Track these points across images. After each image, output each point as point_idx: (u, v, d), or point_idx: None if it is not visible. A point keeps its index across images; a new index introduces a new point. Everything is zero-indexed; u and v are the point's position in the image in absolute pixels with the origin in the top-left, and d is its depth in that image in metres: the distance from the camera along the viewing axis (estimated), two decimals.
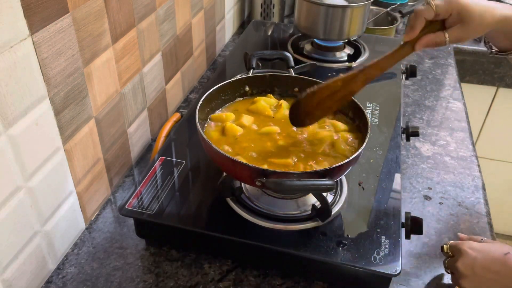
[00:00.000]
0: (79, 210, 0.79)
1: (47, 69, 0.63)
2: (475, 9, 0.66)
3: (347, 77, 0.73)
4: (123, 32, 0.83)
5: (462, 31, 0.68)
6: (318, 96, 0.74)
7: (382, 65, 0.73)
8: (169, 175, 0.81)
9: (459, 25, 0.67)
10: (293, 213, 0.74)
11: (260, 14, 1.58)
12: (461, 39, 0.69)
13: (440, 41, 0.69)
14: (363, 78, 0.73)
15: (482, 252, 0.65)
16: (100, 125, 0.80)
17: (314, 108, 0.75)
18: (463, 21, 0.67)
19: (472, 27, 0.67)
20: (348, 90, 0.74)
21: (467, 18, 0.67)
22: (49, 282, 0.72)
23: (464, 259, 0.66)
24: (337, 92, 0.74)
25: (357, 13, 1.18)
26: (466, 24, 0.67)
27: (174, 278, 0.72)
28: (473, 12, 0.66)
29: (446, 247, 0.72)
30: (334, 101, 0.75)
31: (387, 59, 0.72)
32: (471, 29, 0.67)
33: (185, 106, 1.16)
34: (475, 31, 0.68)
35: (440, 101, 1.22)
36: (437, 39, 0.69)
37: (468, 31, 0.68)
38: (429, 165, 0.99)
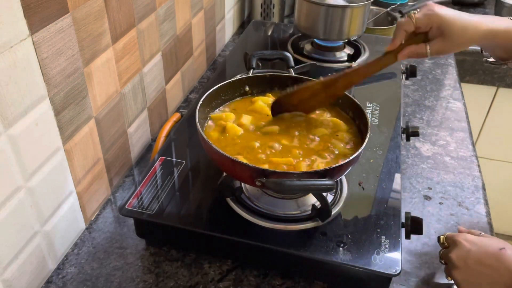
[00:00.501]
0: (79, 210, 0.79)
1: (47, 69, 0.63)
2: (455, 24, 0.68)
3: (327, 80, 0.77)
4: (123, 32, 0.83)
5: (443, 44, 0.70)
6: (298, 95, 0.79)
7: (364, 72, 0.76)
8: (169, 175, 0.81)
9: (440, 38, 0.70)
10: (293, 213, 0.74)
11: (260, 14, 1.58)
12: (442, 52, 0.71)
13: (421, 53, 0.72)
14: (344, 82, 0.76)
15: (477, 245, 0.65)
16: (100, 125, 0.80)
17: (295, 106, 0.80)
18: (443, 34, 0.69)
19: (452, 41, 0.69)
20: (330, 92, 0.78)
21: (447, 32, 0.69)
22: (49, 282, 0.72)
23: (458, 250, 0.66)
24: (318, 94, 0.78)
25: (357, 13, 1.18)
26: (446, 38, 0.69)
27: (174, 278, 0.72)
28: (453, 26, 0.68)
29: (442, 237, 0.72)
30: (316, 102, 0.79)
31: (370, 66, 0.76)
32: (451, 42, 0.69)
33: (185, 106, 1.16)
34: (456, 45, 0.70)
35: (440, 101, 1.22)
36: (419, 50, 0.72)
37: (449, 44, 0.70)
38: (429, 165, 0.99)
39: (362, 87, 1.15)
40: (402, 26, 0.71)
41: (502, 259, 0.62)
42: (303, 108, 0.80)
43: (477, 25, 0.69)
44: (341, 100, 0.83)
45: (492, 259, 0.62)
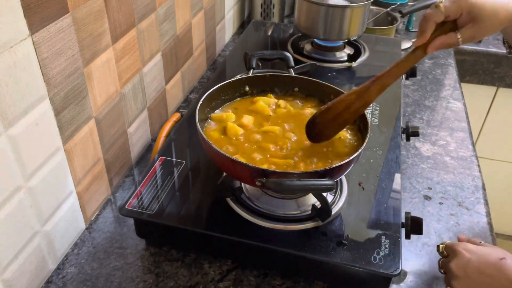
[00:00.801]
0: (79, 210, 0.79)
1: (47, 69, 0.63)
2: (485, 7, 0.64)
3: (361, 89, 0.73)
4: (123, 32, 0.83)
5: (474, 30, 0.66)
6: (333, 111, 0.74)
7: (395, 73, 0.71)
8: (169, 175, 0.81)
9: (471, 24, 0.65)
10: (293, 213, 0.74)
11: (260, 14, 1.58)
12: (474, 38, 0.67)
13: (452, 42, 0.67)
14: (377, 87, 0.72)
15: (477, 254, 0.64)
16: (100, 125, 0.80)
17: (331, 122, 0.75)
18: (475, 20, 0.65)
19: (484, 25, 0.65)
20: (363, 101, 0.73)
21: (478, 16, 0.65)
22: (49, 282, 0.72)
23: (458, 260, 0.65)
24: (352, 105, 0.73)
25: (357, 13, 1.18)
26: (478, 23, 0.65)
27: (174, 278, 0.72)
28: (484, 9, 0.64)
29: (441, 246, 0.72)
30: (350, 113, 0.74)
31: (400, 66, 0.71)
32: (483, 27, 0.65)
33: (185, 106, 1.16)
34: (488, 29, 0.66)
35: (440, 101, 1.22)
36: (450, 40, 0.67)
37: (481, 29, 0.66)
38: (429, 165, 0.99)
39: None
40: (432, 17, 0.66)
41: (503, 269, 0.61)
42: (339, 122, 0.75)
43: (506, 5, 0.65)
44: None
45: (493, 269, 0.62)
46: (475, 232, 0.83)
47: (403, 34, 1.61)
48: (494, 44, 1.59)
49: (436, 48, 0.68)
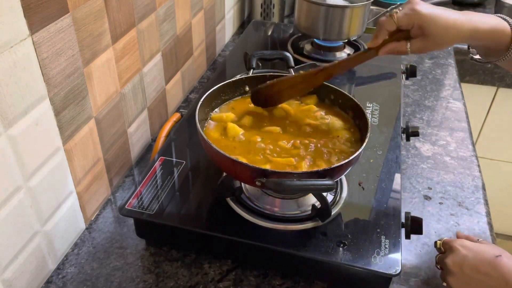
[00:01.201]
0: (79, 210, 0.79)
1: (47, 69, 0.63)
2: (437, 24, 0.67)
3: (307, 74, 0.79)
4: (123, 32, 0.83)
5: (423, 43, 0.70)
6: (277, 87, 0.81)
7: (344, 65, 0.79)
8: (169, 175, 0.81)
9: (421, 38, 0.70)
10: (293, 213, 0.74)
11: (260, 14, 1.58)
12: (422, 50, 0.71)
13: (401, 50, 0.72)
14: (324, 75, 0.79)
15: (473, 251, 0.64)
16: (100, 125, 0.80)
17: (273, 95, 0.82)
18: (425, 34, 0.69)
19: (434, 40, 0.69)
20: (309, 83, 0.80)
21: (428, 31, 0.68)
22: (49, 282, 0.72)
23: (454, 256, 0.65)
24: (296, 85, 0.80)
25: (357, 13, 1.18)
26: (427, 38, 0.69)
27: (174, 278, 0.72)
28: (435, 26, 0.67)
29: (439, 242, 0.72)
30: (295, 91, 0.82)
31: (350, 61, 0.79)
32: (432, 42, 0.69)
33: (185, 106, 1.16)
34: (437, 45, 0.70)
35: (440, 101, 1.22)
36: (400, 48, 0.72)
37: (430, 43, 0.70)
38: (429, 165, 0.99)
39: (362, 87, 1.16)
40: (384, 25, 0.71)
41: (498, 266, 0.61)
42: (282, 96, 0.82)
43: (461, 25, 0.68)
44: (341, 100, 0.83)
45: (488, 267, 0.62)
46: (475, 232, 0.83)
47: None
48: None
49: (387, 52, 0.74)
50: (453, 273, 0.65)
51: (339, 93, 0.83)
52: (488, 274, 0.61)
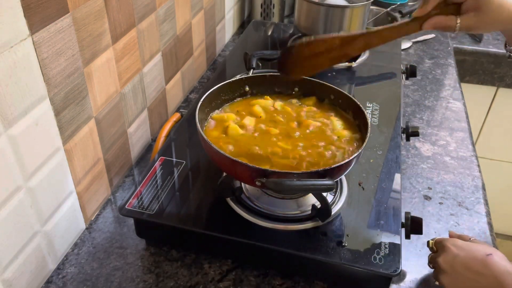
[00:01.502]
0: (79, 210, 0.79)
1: (47, 69, 0.63)
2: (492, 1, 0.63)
3: (347, 37, 0.70)
4: (123, 32, 0.83)
5: (475, 20, 0.64)
6: (312, 47, 0.72)
7: (384, 35, 0.69)
8: (169, 175, 0.81)
9: (474, 13, 0.64)
10: (293, 213, 0.74)
11: (260, 14, 1.58)
12: (472, 28, 0.65)
13: (450, 25, 0.65)
14: (362, 43, 0.70)
15: (465, 250, 0.65)
16: (100, 125, 0.80)
17: (305, 59, 0.72)
18: (479, 9, 0.63)
19: (487, 17, 0.64)
20: (344, 51, 0.71)
21: (484, 7, 0.63)
22: (49, 282, 0.72)
23: (445, 255, 0.66)
24: (332, 50, 0.71)
25: (357, 13, 1.18)
26: (481, 13, 0.63)
27: (174, 278, 0.72)
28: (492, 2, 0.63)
29: (431, 242, 0.72)
30: (327, 59, 0.72)
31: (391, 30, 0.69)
32: (485, 19, 0.64)
33: (185, 106, 1.16)
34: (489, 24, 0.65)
35: (440, 101, 1.22)
36: (448, 22, 0.65)
37: (482, 21, 0.64)
38: (429, 165, 0.99)
39: (362, 87, 1.16)
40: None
41: (489, 265, 0.62)
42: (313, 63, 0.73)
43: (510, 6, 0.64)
44: (341, 100, 0.83)
45: (479, 265, 0.62)
46: (475, 232, 0.83)
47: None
48: (494, 44, 1.59)
49: (432, 26, 0.66)
50: (445, 271, 0.65)
51: (339, 93, 0.83)
52: (479, 272, 0.62)
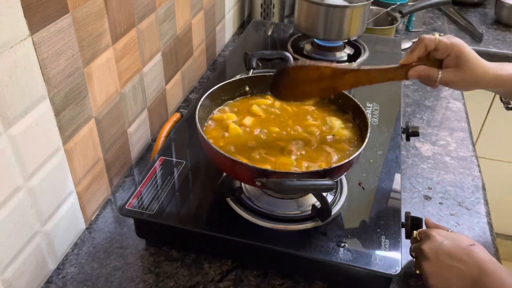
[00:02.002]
0: (79, 210, 0.79)
1: (47, 69, 0.63)
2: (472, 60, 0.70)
3: (338, 69, 0.74)
4: (123, 32, 0.83)
5: (454, 76, 0.71)
6: (305, 72, 0.74)
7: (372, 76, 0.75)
8: (169, 175, 0.81)
9: (454, 69, 0.71)
10: (293, 213, 0.74)
11: (260, 14, 1.58)
12: (451, 83, 0.72)
13: (432, 75, 0.72)
14: (351, 79, 0.74)
15: (449, 239, 0.66)
16: (100, 125, 0.80)
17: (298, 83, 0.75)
18: (459, 66, 0.71)
19: (465, 75, 0.71)
20: (334, 83, 0.75)
21: (463, 65, 0.70)
22: (49, 282, 0.72)
23: (431, 243, 0.67)
24: (323, 80, 0.74)
25: (357, 13, 1.18)
26: (460, 70, 0.71)
27: (174, 278, 0.72)
28: (470, 62, 0.70)
29: (415, 232, 0.72)
30: (317, 89, 0.76)
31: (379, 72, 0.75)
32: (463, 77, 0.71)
33: (185, 106, 1.16)
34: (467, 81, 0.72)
35: (440, 101, 1.22)
36: (430, 72, 0.72)
37: (460, 78, 0.71)
38: (429, 165, 0.99)
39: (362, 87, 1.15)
40: (424, 40, 0.72)
41: (472, 254, 0.64)
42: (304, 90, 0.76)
43: (488, 68, 0.72)
44: (341, 100, 0.83)
45: (463, 254, 0.64)
46: (475, 232, 0.83)
47: (403, 34, 1.61)
48: (494, 44, 1.59)
49: (417, 74, 0.73)
50: (428, 258, 0.66)
51: (339, 93, 0.83)
52: (462, 260, 0.63)
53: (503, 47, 1.57)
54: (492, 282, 0.61)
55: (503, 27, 1.70)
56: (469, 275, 0.62)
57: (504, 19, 1.72)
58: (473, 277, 0.62)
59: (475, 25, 1.65)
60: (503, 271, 0.61)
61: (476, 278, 0.62)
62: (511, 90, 0.75)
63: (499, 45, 1.58)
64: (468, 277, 0.62)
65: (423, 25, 1.68)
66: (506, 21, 1.71)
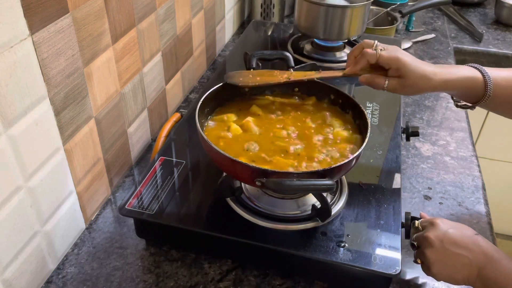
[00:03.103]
0: (79, 210, 0.79)
1: (47, 69, 0.63)
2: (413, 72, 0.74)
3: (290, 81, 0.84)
4: (123, 32, 0.83)
5: (399, 85, 0.75)
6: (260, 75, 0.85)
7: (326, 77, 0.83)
8: (169, 175, 0.81)
9: (398, 79, 0.75)
10: (293, 213, 0.74)
11: (260, 14, 1.58)
12: (397, 90, 0.76)
13: (379, 84, 0.76)
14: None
15: (454, 227, 0.67)
16: (100, 125, 0.80)
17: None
18: (401, 77, 0.74)
19: (407, 84, 0.75)
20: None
21: (404, 76, 0.74)
22: (49, 282, 0.72)
23: (435, 230, 0.66)
24: None
25: (357, 13, 1.18)
26: (403, 81, 0.75)
27: (174, 278, 0.72)
28: (411, 74, 0.74)
29: (417, 222, 0.72)
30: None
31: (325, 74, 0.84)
32: (406, 86, 0.75)
33: (185, 106, 1.16)
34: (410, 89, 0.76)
35: (440, 101, 1.22)
36: (377, 81, 0.76)
37: (403, 87, 0.75)
38: (429, 165, 0.99)
39: (362, 87, 1.15)
40: (366, 55, 0.76)
41: (478, 242, 0.64)
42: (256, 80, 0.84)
43: (433, 75, 0.74)
44: (341, 100, 0.83)
45: (469, 242, 0.64)
46: None
47: (403, 34, 1.61)
48: (494, 44, 1.59)
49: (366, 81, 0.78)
50: (433, 246, 0.66)
51: (339, 93, 0.83)
52: (468, 248, 0.64)
53: (503, 47, 1.57)
54: (498, 270, 0.61)
55: (503, 27, 1.70)
56: (476, 263, 0.63)
57: (504, 19, 1.72)
58: (480, 265, 0.62)
59: (475, 25, 1.65)
60: (508, 259, 0.62)
61: (482, 266, 0.62)
62: (462, 92, 0.78)
63: (499, 45, 1.58)
64: (475, 265, 0.63)
65: (423, 25, 1.68)
66: (506, 21, 1.71)
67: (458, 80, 0.76)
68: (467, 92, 0.77)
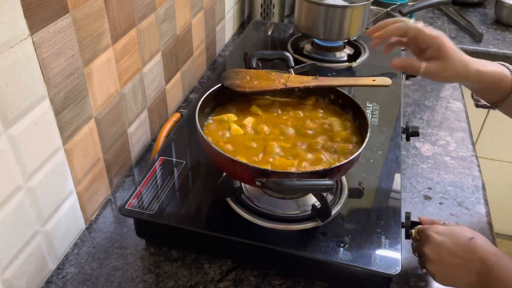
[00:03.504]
0: (79, 210, 0.79)
1: (47, 69, 0.63)
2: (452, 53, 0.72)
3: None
4: (123, 32, 0.83)
5: (438, 68, 0.73)
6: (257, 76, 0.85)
7: None
8: (169, 175, 0.81)
9: (437, 62, 0.73)
10: (293, 213, 0.74)
11: (260, 14, 1.58)
12: (434, 74, 0.74)
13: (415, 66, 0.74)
14: None
15: (448, 236, 0.66)
16: (100, 125, 0.80)
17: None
18: (440, 58, 0.72)
19: (447, 67, 0.73)
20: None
21: (444, 58, 0.72)
22: (49, 282, 0.72)
23: (430, 244, 0.67)
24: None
25: (357, 13, 1.18)
26: (442, 62, 0.73)
27: (174, 278, 0.72)
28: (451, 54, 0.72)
29: (413, 231, 0.72)
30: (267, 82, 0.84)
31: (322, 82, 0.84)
32: (446, 69, 0.73)
33: (185, 106, 1.16)
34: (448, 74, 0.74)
35: (440, 101, 1.22)
36: (414, 63, 0.75)
37: (444, 70, 0.73)
38: (429, 165, 0.99)
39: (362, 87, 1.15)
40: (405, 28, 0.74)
41: (473, 248, 0.63)
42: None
43: (469, 62, 0.73)
44: (341, 100, 0.83)
45: (463, 250, 0.64)
46: None
47: None
48: (494, 44, 1.59)
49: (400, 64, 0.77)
50: (431, 260, 0.66)
51: (339, 93, 0.83)
52: (464, 256, 0.63)
53: (503, 47, 1.57)
54: (497, 274, 0.61)
55: (503, 27, 1.70)
56: (474, 270, 0.63)
57: (504, 19, 1.72)
58: (478, 271, 0.62)
59: (475, 25, 1.65)
60: (506, 259, 0.62)
61: (481, 272, 0.62)
62: (489, 87, 0.76)
63: (499, 45, 1.58)
64: (473, 272, 0.63)
65: None
66: (506, 21, 1.71)
67: (489, 73, 0.74)
68: (493, 88, 0.76)
